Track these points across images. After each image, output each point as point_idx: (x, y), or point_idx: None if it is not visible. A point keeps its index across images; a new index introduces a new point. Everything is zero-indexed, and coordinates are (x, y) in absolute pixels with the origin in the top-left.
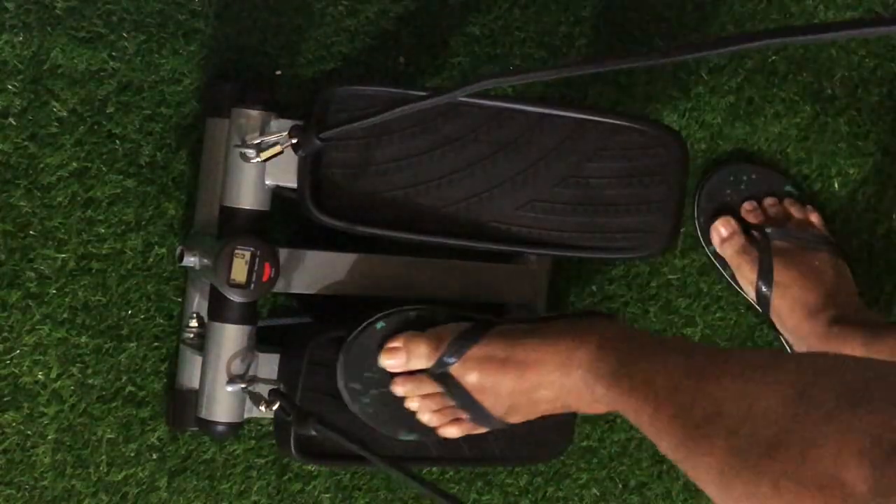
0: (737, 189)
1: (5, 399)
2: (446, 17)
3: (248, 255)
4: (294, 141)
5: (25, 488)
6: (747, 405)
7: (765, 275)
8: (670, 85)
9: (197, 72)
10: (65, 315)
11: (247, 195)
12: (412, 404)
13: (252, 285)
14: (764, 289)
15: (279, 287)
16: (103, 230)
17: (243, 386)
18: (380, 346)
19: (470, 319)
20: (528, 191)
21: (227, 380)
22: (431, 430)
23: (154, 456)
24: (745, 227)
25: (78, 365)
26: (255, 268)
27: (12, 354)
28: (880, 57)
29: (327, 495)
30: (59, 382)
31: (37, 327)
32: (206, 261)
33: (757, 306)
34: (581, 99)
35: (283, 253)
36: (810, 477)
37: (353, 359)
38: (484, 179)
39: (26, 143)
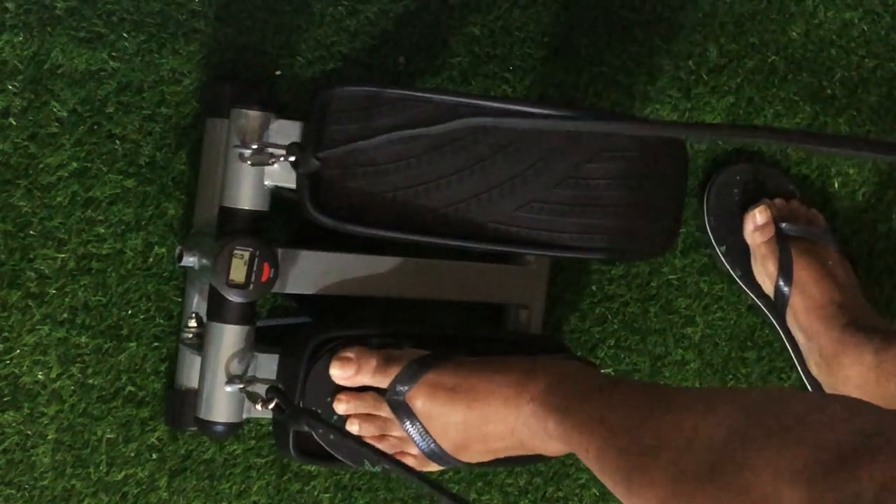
0: (744, 189)
1: (5, 399)
2: (446, 17)
3: (246, 255)
4: (292, 159)
5: (25, 488)
6: (689, 437)
7: (784, 271)
8: (670, 85)
9: (197, 72)
10: (65, 315)
11: (246, 196)
12: (352, 427)
13: (251, 286)
14: (783, 285)
15: (278, 287)
16: (103, 230)
17: (242, 386)
18: None
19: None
20: (527, 192)
21: (226, 380)
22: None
23: (154, 456)
24: None
25: (78, 365)
26: (254, 268)
27: (12, 354)
28: (880, 57)
29: (327, 495)
30: (59, 382)
31: (37, 327)
32: (205, 261)
33: (761, 303)
34: (580, 100)
35: (282, 253)
36: (748, 497)
37: (314, 383)
38: (483, 180)
39: (26, 143)
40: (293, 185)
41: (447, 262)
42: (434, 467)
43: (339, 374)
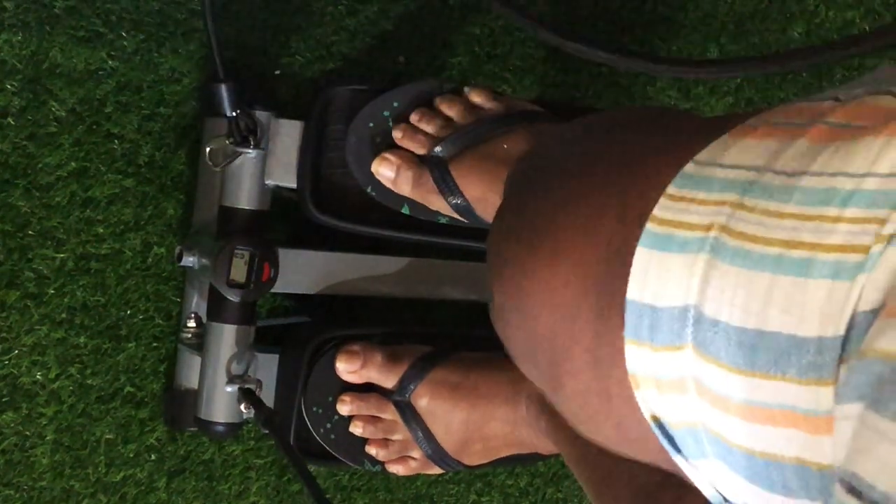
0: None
1: (4, 399)
2: (446, 17)
3: (247, 255)
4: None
5: (24, 489)
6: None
7: (452, 193)
8: (670, 85)
9: (196, 71)
10: (63, 315)
11: (246, 195)
12: (356, 429)
13: (251, 285)
14: (461, 203)
15: (278, 287)
16: (102, 230)
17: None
18: None
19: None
20: None
21: (227, 380)
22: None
23: (153, 456)
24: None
25: (76, 365)
26: (255, 268)
27: (11, 355)
28: (880, 57)
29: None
30: (57, 383)
31: (35, 328)
32: (205, 261)
33: (462, 218)
34: (580, 100)
35: (281, 253)
36: None
37: (315, 382)
38: None
39: (25, 142)
40: (293, 185)
41: (447, 261)
42: (436, 470)
43: (345, 367)
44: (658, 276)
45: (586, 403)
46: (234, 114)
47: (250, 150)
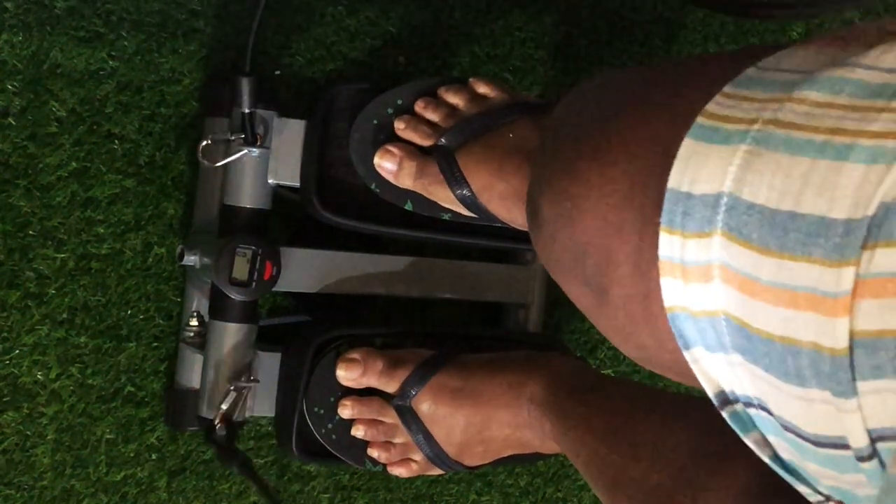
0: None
1: (5, 399)
2: (446, 17)
3: (249, 253)
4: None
5: (25, 488)
6: (658, 450)
7: (457, 182)
8: None
9: (196, 71)
10: (64, 315)
11: (249, 194)
12: (358, 432)
13: (253, 284)
14: (467, 194)
15: (279, 286)
16: (102, 230)
17: (245, 384)
18: None
19: (435, 348)
20: None
21: (229, 378)
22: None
23: (153, 456)
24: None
25: (77, 365)
26: (257, 266)
27: (11, 354)
28: None
29: (326, 495)
30: (58, 383)
31: (36, 327)
32: (206, 259)
33: (472, 213)
34: None
35: (283, 252)
36: None
37: (317, 382)
38: None
39: (25, 142)
40: (297, 184)
41: (447, 261)
42: (437, 472)
43: (346, 375)
44: (697, 164)
45: (629, 311)
46: (249, 111)
47: (254, 149)
